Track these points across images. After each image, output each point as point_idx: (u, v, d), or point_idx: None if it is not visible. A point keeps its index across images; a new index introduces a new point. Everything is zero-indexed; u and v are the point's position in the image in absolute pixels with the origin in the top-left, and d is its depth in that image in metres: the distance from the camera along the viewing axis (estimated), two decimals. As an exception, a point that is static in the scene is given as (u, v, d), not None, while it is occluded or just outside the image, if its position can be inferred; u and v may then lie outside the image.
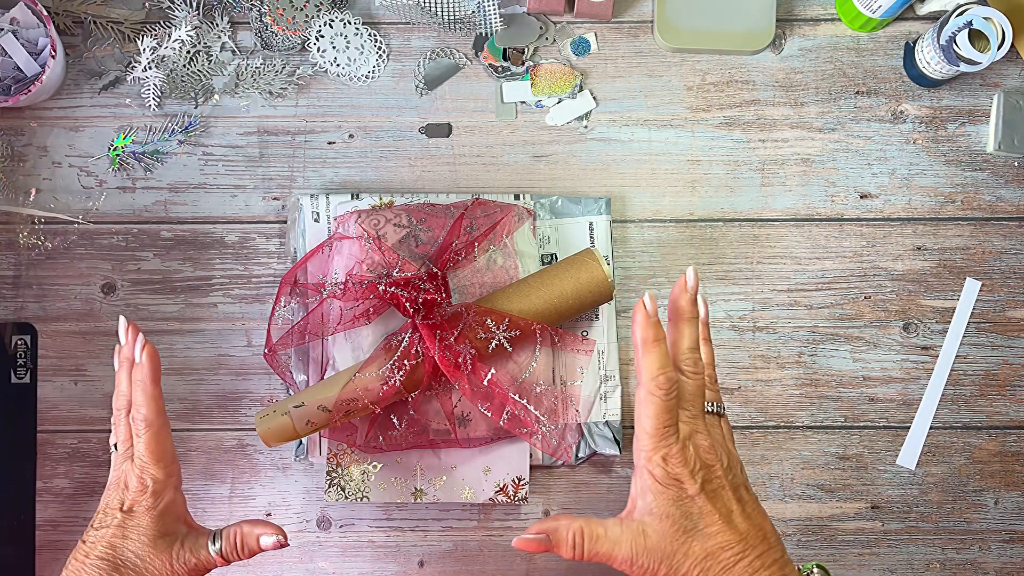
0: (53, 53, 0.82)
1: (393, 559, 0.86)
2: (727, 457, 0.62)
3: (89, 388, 0.86)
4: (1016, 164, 0.88)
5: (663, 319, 0.63)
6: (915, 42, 0.87)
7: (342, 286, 0.80)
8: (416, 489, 0.83)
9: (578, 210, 0.86)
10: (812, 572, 0.61)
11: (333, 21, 0.86)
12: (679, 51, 0.88)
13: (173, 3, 0.86)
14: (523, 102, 0.88)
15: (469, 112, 0.88)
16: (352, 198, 0.85)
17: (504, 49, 0.87)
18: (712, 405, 0.64)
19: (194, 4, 0.86)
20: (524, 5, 0.88)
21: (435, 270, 0.79)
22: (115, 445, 0.70)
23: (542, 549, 0.62)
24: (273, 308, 0.82)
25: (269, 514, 0.86)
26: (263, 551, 0.69)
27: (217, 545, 0.68)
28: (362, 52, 0.87)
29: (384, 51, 0.88)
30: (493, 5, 0.85)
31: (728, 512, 0.60)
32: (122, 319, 0.71)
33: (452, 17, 0.86)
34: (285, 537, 0.69)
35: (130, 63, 0.87)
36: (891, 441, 0.87)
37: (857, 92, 0.88)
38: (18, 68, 0.85)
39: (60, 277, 0.87)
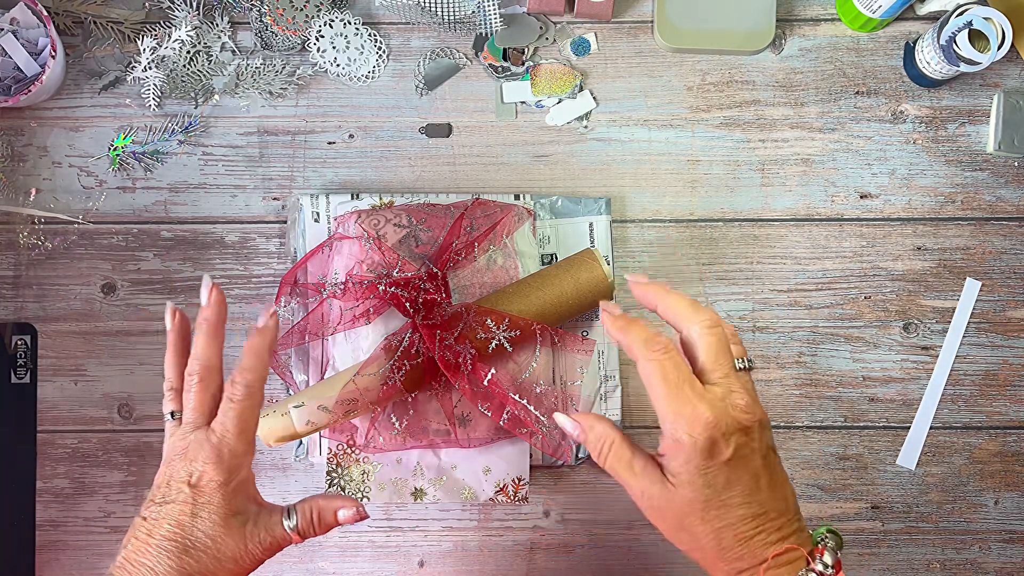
0: (53, 53, 0.82)
1: (393, 559, 0.86)
2: (762, 414, 0.58)
3: (89, 388, 0.86)
4: (1016, 164, 0.88)
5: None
6: (915, 42, 0.87)
7: (342, 286, 0.80)
8: (416, 489, 0.83)
9: (578, 210, 0.86)
10: (824, 538, 0.59)
11: (333, 21, 0.86)
12: (679, 51, 0.88)
13: (173, 3, 0.86)
14: (523, 102, 0.88)
15: (469, 112, 0.88)
16: (352, 198, 0.85)
17: (504, 49, 0.87)
18: (740, 361, 0.60)
19: (194, 4, 0.86)
20: (524, 5, 0.88)
21: (435, 270, 0.79)
22: (171, 413, 0.64)
23: (573, 438, 0.61)
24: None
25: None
26: (340, 525, 0.65)
27: (292, 521, 0.64)
28: (362, 52, 0.87)
29: (384, 51, 0.88)
30: (493, 5, 0.85)
31: (755, 478, 0.57)
32: (206, 277, 0.66)
33: (452, 17, 0.86)
34: (362, 508, 0.65)
35: (130, 63, 0.87)
36: (891, 441, 0.87)
37: (857, 92, 0.88)
38: (18, 68, 0.85)
39: (60, 277, 0.86)
